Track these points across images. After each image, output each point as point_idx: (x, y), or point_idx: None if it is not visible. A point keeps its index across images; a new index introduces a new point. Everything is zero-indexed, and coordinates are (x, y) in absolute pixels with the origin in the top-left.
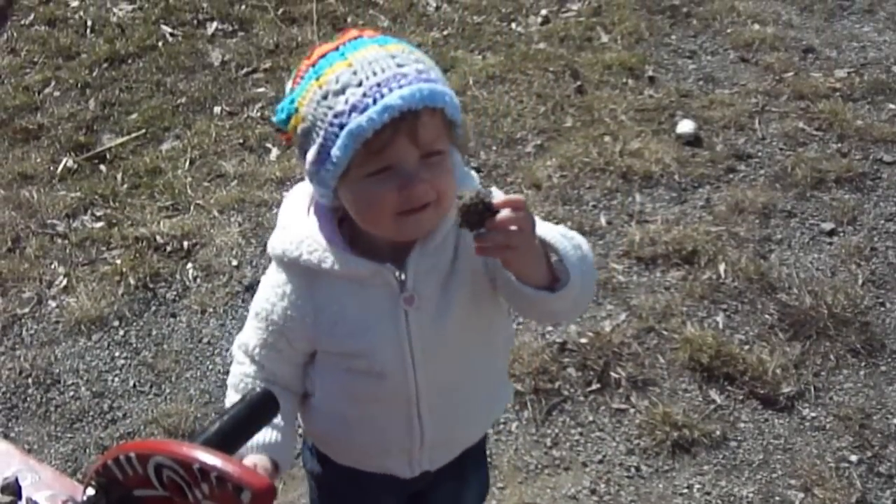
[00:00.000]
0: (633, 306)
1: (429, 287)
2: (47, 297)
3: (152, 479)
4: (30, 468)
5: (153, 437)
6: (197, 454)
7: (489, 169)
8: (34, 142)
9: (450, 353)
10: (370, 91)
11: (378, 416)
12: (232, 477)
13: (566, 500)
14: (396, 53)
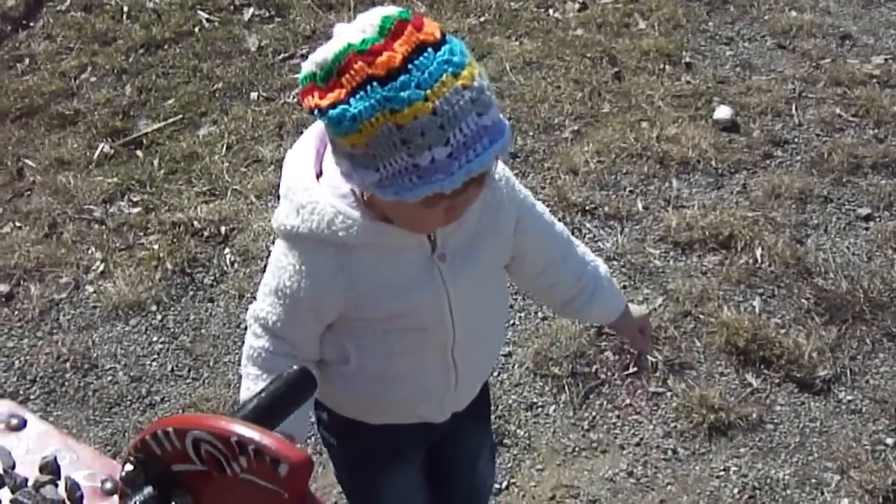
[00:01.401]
0: (670, 290)
1: (457, 242)
2: (84, 282)
3: (190, 453)
4: (68, 448)
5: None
6: (234, 427)
7: (526, 154)
8: (71, 127)
9: (479, 299)
10: (457, 153)
11: (417, 367)
12: (269, 450)
13: (603, 482)
14: (470, 88)
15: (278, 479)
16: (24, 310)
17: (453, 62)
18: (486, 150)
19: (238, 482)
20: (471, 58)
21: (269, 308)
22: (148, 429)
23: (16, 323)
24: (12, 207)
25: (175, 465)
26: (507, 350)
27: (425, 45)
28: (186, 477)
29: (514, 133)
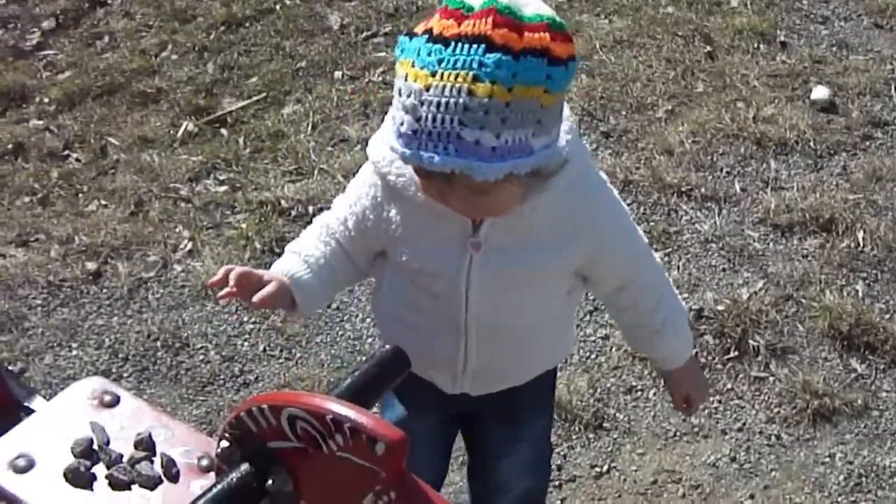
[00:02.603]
0: (771, 274)
1: (501, 241)
2: (172, 261)
3: (286, 430)
4: (163, 424)
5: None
6: (329, 405)
7: (619, 134)
8: (153, 105)
9: (505, 301)
10: (419, 136)
11: (429, 328)
12: (365, 428)
13: (706, 467)
14: (474, 98)
15: (375, 458)
16: (113, 288)
17: (485, 70)
18: (446, 155)
19: (336, 460)
20: (516, 87)
21: (337, 211)
22: (242, 405)
23: (104, 301)
24: (97, 185)
25: (271, 442)
26: (604, 333)
27: (485, 41)
28: (283, 454)
29: (606, 112)
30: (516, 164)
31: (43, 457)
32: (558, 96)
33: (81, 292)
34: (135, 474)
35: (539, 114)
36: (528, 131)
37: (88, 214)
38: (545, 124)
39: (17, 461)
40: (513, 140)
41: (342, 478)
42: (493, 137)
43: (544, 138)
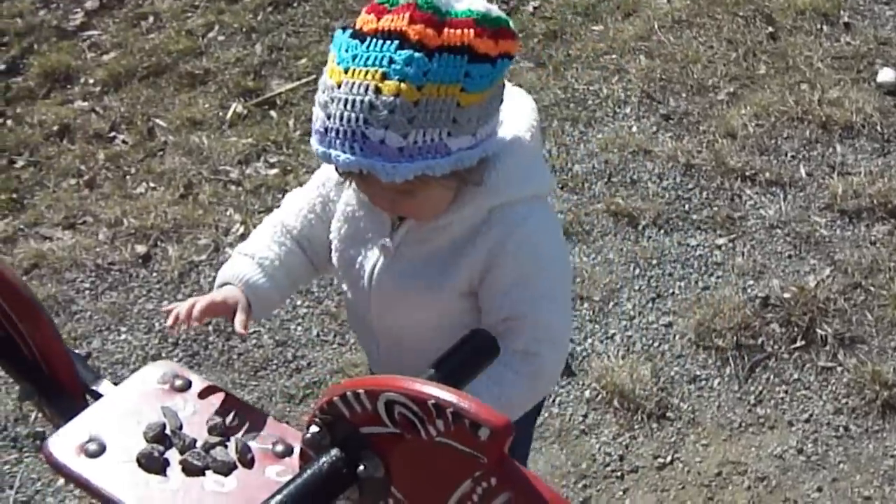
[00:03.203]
0: (838, 261)
1: (409, 251)
2: (224, 244)
3: (382, 415)
4: (236, 409)
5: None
6: (432, 390)
7: (679, 117)
8: (201, 87)
9: (403, 309)
10: (329, 133)
11: (356, 325)
12: (469, 413)
13: (772, 459)
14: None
15: (478, 444)
16: (163, 271)
17: (394, 68)
18: (352, 155)
19: (433, 446)
20: (427, 85)
21: (304, 191)
22: (334, 389)
23: (154, 285)
24: (145, 167)
25: (364, 428)
26: (667, 320)
27: (398, 38)
28: (376, 440)
29: (665, 94)
30: (428, 165)
31: (114, 441)
32: (481, 95)
33: (130, 276)
34: (209, 460)
35: (455, 113)
36: (442, 131)
37: (137, 197)
38: (463, 124)
39: (88, 445)
40: (423, 140)
41: (439, 464)
42: (398, 137)
43: (465, 138)
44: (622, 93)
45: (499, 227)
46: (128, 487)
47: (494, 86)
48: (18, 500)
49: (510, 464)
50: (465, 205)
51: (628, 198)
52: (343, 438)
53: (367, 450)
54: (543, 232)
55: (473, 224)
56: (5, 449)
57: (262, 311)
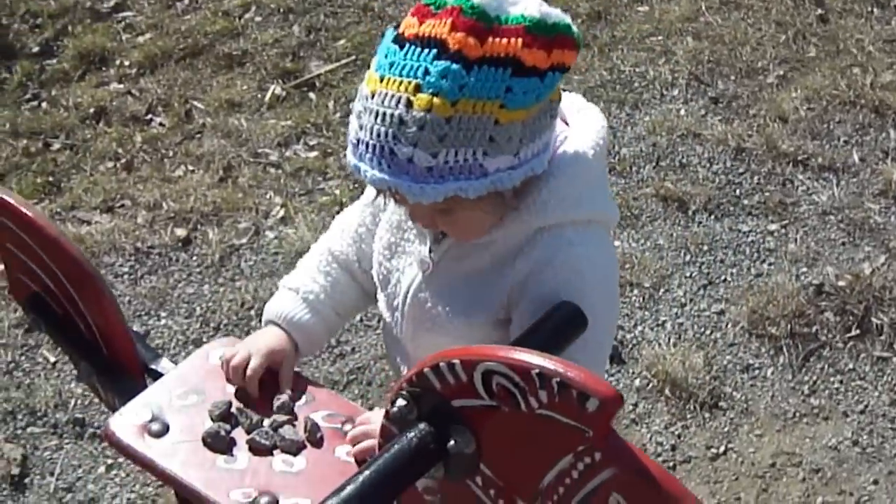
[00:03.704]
0: (893, 248)
1: (451, 269)
2: (264, 227)
3: (478, 387)
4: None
5: (384, 372)
6: (536, 360)
7: (728, 100)
8: (238, 69)
9: (434, 334)
10: (359, 146)
11: (391, 347)
12: (576, 383)
13: (826, 450)
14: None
15: (584, 416)
16: (203, 255)
17: (429, 80)
18: (380, 171)
19: (532, 419)
20: (462, 101)
21: (336, 224)
22: (426, 360)
23: (195, 268)
24: (183, 150)
25: (456, 400)
26: (719, 308)
27: (437, 46)
28: (468, 413)
29: (714, 76)
30: (461, 187)
31: (178, 421)
32: (526, 112)
33: (170, 259)
34: (277, 439)
35: (492, 131)
36: (476, 150)
37: (175, 180)
38: (502, 143)
39: (151, 425)
40: (454, 160)
41: (537, 438)
42: (428, 156)
43: (504, 158)
44: (669, 75)
45: (542, 250)
46: (194, 468)
47: (542, 101)
48: (59, 487)
49: (616, 438)
50: (510, 223)
51: (678, 182)
52: (431, 412)
53: (458, 424)
54: (591, 262)
55: (518, 243)
56: (45, 435)
57: (309, 349)
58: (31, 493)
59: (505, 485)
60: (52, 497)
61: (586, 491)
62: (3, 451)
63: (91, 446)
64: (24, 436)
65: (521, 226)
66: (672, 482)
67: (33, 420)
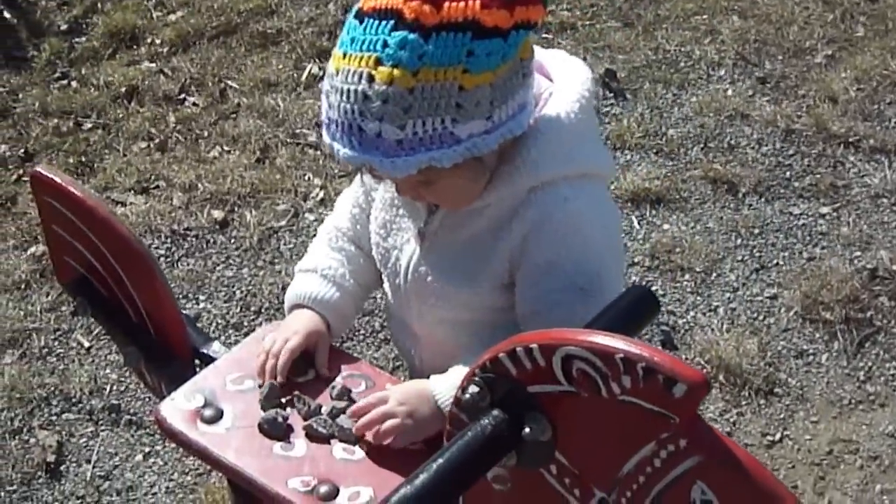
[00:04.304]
0: None
1: (448, 239)
2: (304, 209)
3: (556, 372)
4: (361, 373)
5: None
6: (620, 344)
7: (776, 80)
8: (273, 47)
9: (440, 307)
10: (328, 123)
11: (396, 328)
12: (663, 368)
13: (884, 437)
14: (375, 85)
15: (670, 402)
16: (241, 238)
17: (388, 52)
18: (351, 149)
19: (614, 405)
20: (423, 70)
21: (351, 191)
22: (501, 345)
23: (233, 251)
24: (218, 130)
25: (532, 386)
26: (772, 292)
27: (394, 17)
28: (544, 399)
29: (761, 56)
30: (433, 157)
31: (232, 407)
32: (492, 73)
33: (207, 242)
34: (336, 428)
35: (458, 97)
36: (444, 118)
37: (211, 161)
38: (469, 108)
39: (203, 411)
40: (423, 130)
41: (618, 425)
42: (395, 129)
43: (476, 123)
44: (715, 54)
45: (536, 209)
46: (249, 455)
47: (510, 61)
48: (96, 475)
49: (703, 424)
50: (501, 185)
51: (727, 164)
52: (504, 399)
53: (534, 410)
54: (587, 216)
55: (512, 205)
56: (80, 422)
57: (341, 327)
58: (67, 482)
59: (581, 473)
60: (89, 485)
61: (668, 480)
62: (38, 439)
63: (128, 433)
64: (59, 422)
65: (513, 187)
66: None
67: (68, 406)
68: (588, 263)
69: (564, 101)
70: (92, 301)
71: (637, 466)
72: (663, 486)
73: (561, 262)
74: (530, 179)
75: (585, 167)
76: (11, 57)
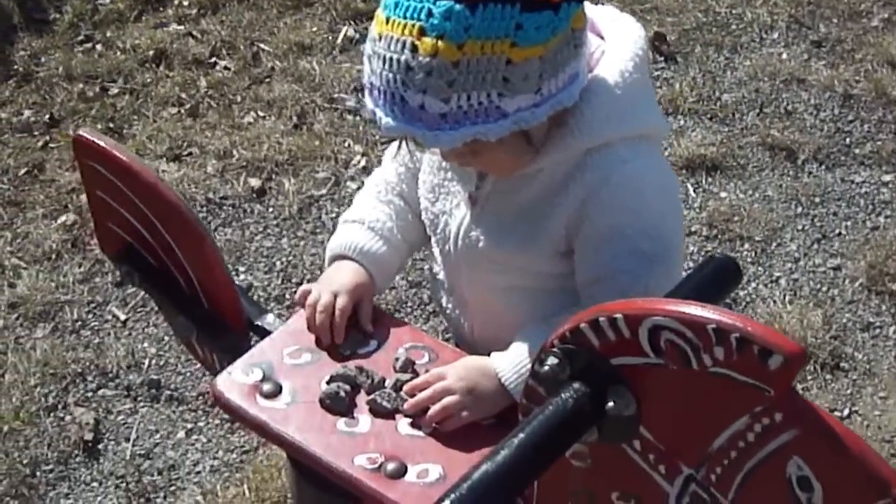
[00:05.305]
0: None
1: (500, 203)
2: (345, 177)
3: (643, 343)
4: (424, 345)
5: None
6: (712, 313)
7: (831, 44)
8: (306, 9)
9: (493, 275)
10: (370, 91)
11: (444, 293)
12: (758, 339)
13: None
14: (418, 56)
15: (765, 374)
16: (280, 206)
17: (432, 22)
18: (394, 119)
19: (703, 377)
20: (469, 43)
21: (386, 158)
22: (582, 315)
23: (271, 221)
24: (252, 95)
25: (616, 358)
26: (835, 263)
27: None
28: (628, 371)
29: (815, 19)
30: (478, 131)
31: (292, 381)
32: (542, 47)
33: (245, 211)
34: (400, 402)
35: (505, 71)
36: (490, 92)
37: (246, 127)
38: (517, 82)
39: (262, 385)
40: (468, 104)
41: (708, 399)
42: (439, 103)
43: (524, 97)
44: (768, 17)
45: (594, 172)
46: (312, 432)
47: (561, 33)
48: (136, 454)
49: (798, 397)
50: (555, 149)
51: (784, 130)
52: (585, 371)
53: (617, 384)
54: (647, 178)
55: (567, 169)
56: (118, 398)
57: (384, 283)
58: (105, 460)
59: (667, 449)
60: (129, 464)
61: (762, 455)
62: (74, 416)
63: (168, 410)
64: (96, 398)
65: (567, 150)
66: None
67: (104, 382)
68: (651, 227)
69: (618, 59)
70: (139, 270)
71: (729, 441)
72: (757, 461)
73: (623, 226)
74: (585, 142)
75: (641, 128)
76: (32, 20)
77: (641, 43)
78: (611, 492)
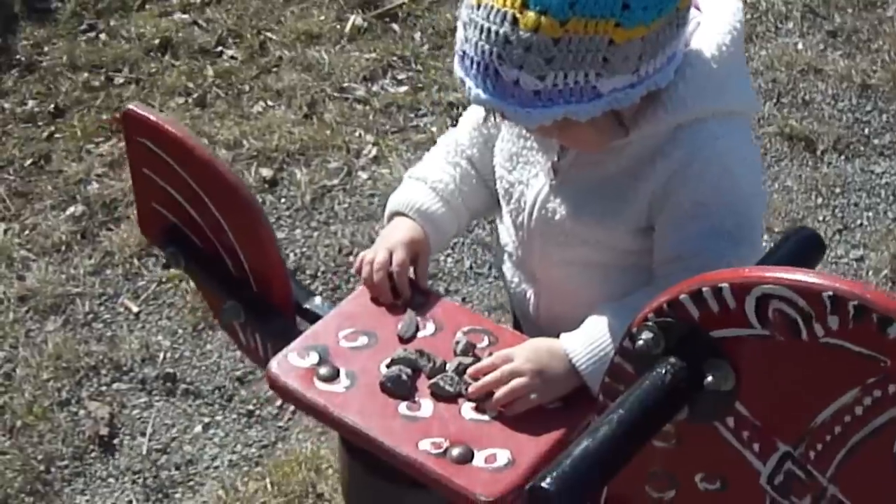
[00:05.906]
0: None
1: (582, 176)
2: (356, 167)
3: (749, 314)
4: (483, 328)
5: (501, 323)
6: (828, 281)
7: (847, 34)
8: None
9: (568, 249)
10: (461, 60)
11: (511, 270)
12: (878, 306)
13: None
14: (517, 30)
15: (883, 343)
16: (292, 197)
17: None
18: (485, 91)
19: (812, 348)
20: (573, 20)
21: (464, 118)
22: (681, 286)
23: (284, 211)
24: (261, 84)
25: (716, 331)
26: (858, 254)
27: None
28: (729, 345)
29: (829, 8)
30: (570, 111)
31: (349, 364)
32: (646, 28)
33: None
34: (463, 385)
35: (606, 52)
36: (588, 72)
37: (256, 116)
38: (616, 63)
39: (319, 369)
40: (564, 83)
41: (816, 370)
42: (534, 80)
43: (621, 78)
44: (783, 6)
45: (684, 147)
46: (374, 417)
47: (666, 14)
48: (153, 449)
49: None
50: (645, 122)
51: (802, 120)
52: (680, 345)
53: (715, 357)
54: (737, 157)
55: (656, 143)
56: (133, 392)
57: (439, 244)
58: (121, 456)
59: (763, 425)
60: (146, 459)
61: (870, 429)
62: (89, 410)
63: (185, 403)
64: (110, 393)
65: (658, 125)
66: None
67: (118, 376)
68: (737, 206)
69: (715, 32)
70: (185, 252)
71: (834, 416)
72: (863, 436)
73: (709, 204)
74: (677, 116)
75: (734, 104)
76: (34, 9)
77: (740, 16)
78: (695, 473)
